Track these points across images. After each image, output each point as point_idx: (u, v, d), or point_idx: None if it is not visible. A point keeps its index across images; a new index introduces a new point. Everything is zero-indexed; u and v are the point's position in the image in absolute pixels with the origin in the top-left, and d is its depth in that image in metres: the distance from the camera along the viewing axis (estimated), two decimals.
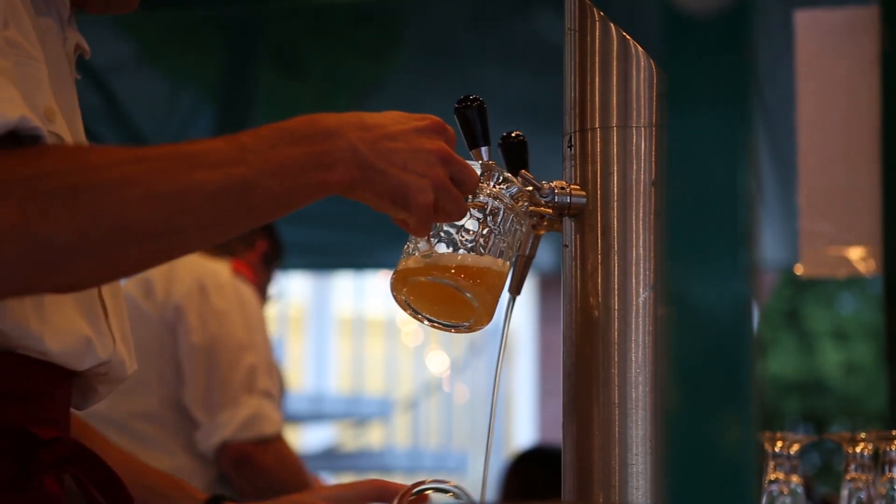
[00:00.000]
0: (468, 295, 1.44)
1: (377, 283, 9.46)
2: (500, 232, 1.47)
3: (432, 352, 10.46)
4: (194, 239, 1.36)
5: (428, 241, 1.45)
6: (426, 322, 1.48)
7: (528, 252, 1.64)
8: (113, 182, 1.26)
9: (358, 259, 6.67)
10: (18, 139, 1.29)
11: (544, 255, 1.81)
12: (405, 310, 1.49)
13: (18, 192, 1.23)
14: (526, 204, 1.49)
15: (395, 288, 1.47)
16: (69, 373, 1.50)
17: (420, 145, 1.38)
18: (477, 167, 1.48)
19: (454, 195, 1.40)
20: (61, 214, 1.24)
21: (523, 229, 1.51)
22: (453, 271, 1.44)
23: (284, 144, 1.33)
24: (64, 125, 1.41)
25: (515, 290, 1.66)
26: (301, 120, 1.36)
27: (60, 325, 1.44)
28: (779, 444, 1.78)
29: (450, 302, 1.46)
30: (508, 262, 1.49)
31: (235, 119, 4.66)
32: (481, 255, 1.45)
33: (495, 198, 1.47)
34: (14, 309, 1.39)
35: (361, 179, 1.36)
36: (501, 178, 1.48)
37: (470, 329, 1.48)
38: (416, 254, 1.46)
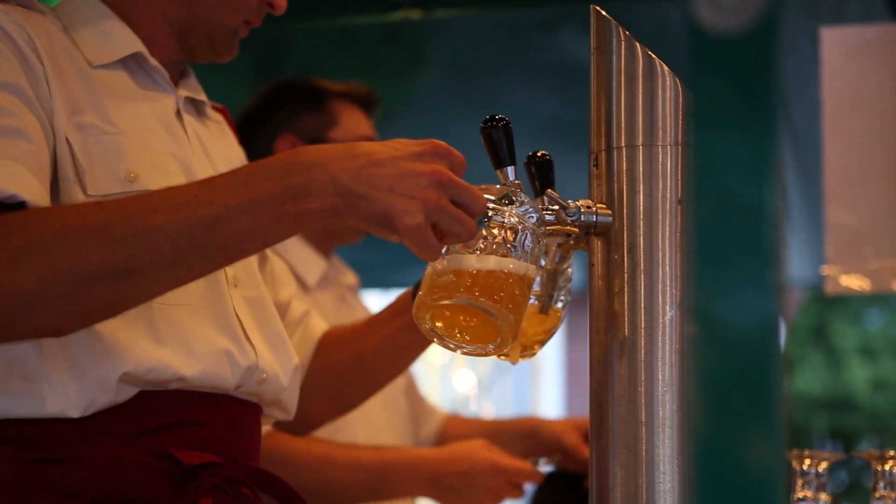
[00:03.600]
0: (490, 312, 1.43)
1: None
2: (519, 251, 1.46)
3: (459, 370, 10.45)
4: (165, 276, 1.43)
5: (441, 264, 1.45)
6: (456, 349, 1.48)
7: (552, 265, 1.65)
8: (73, 231, 1.38)
9: (384, 278, 6.66)
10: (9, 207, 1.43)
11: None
12: (432, 338, 1.49)
13: None
14: (545, 226, 1.49)
15: (419, 317, 1.47)
16: (222, 397, 1.64)
17: (411, 168, 1.39)
18: (492, 191, 1.47)
19: (455, 216, 1.40)
20: (26, 264, 1.37)
21: (543, 249, 1.51)
22: (474, 292, 1.44)
23: (260, 180, 1.39)
24: (151, 180, 1.59)
25: (542, 308, 1.66)
26: (283, 155, 1.43)
27: (196, 348, 1.60)
28: (807, 461, 1.78)
29: (474, 324, 1.46)
30: (530, 281, 1.49)
31: None
32: (502, 274, 1.45)
33: (513, 218, 1.46)
34: (138, 350, 1.55)
35: (343, 206, 1.38)
36: (522, 198, 1.48)
37: (497, 349, 1.47)
38: (434, 277, 1.46)
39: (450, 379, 10.52)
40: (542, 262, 1.58)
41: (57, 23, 1.67)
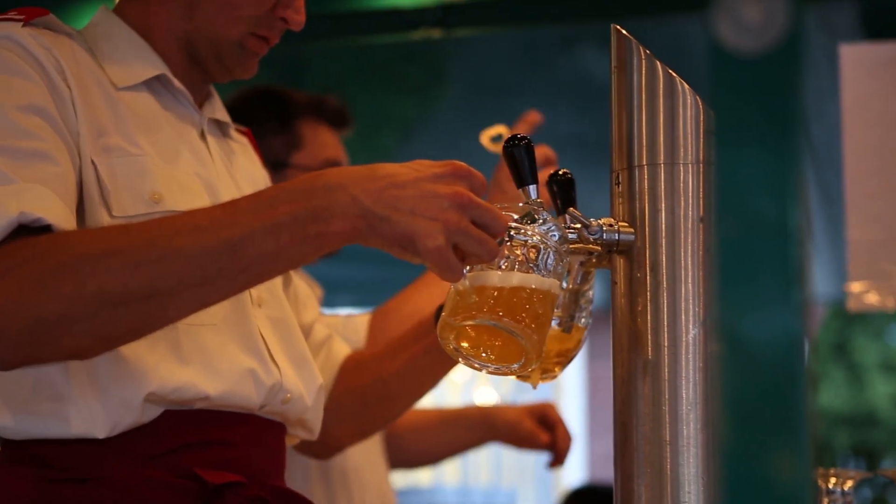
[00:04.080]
0: (514, 332, 1.43)
1: None
2: (542, 270, 1.46)
3: (481, 387, 10.43)
4: (188, 299, 1.43)
5: (464, 285, 1.45)
6: (481, 368, 1.48)
7: (574, 286, 1.65)
8: (96, 254, 1.40)
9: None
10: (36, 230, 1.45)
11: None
12: (456, 358, 1.49)
13: (17, 273, 1.39)
14: (567, 244, 1.49)
15: (443, 338, 1.47)
16: (247, 417, 1.65)
17: (432, 190, 1.39)
18: (514, 209, 1.48)
19: (476, 237, 1.40)
20: (50, 287, 1.38)
21: (566, 267, 1.51)
22: (497, 312, 1.44)
23: (282, 202, 1.40)
24: (176, 201, 1.61)
25: (564, 328, 1.66)
26: (305, 178, 1.43)
27: (220, 367, 1.61)
28: (832, 480, 1.77)
29: (498, 343, 1.46)
30: (553, 299, 1.49)
31: None
32: (525, 293, 1.45)
33: (536, 238, 1.46)
34: (162, 370, 1.56)
35: (365, 228, 1.39)
36: (544, 216, 1.48)
37: (522, 368, 1.47)
38: (458, 298, 1.46)
39: (472, 396, 10.51)
40: (565, 282, 1.58)
41: (83, 45, 1.69)
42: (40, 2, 1.69)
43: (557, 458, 2.75)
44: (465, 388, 10.57)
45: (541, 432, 2.74)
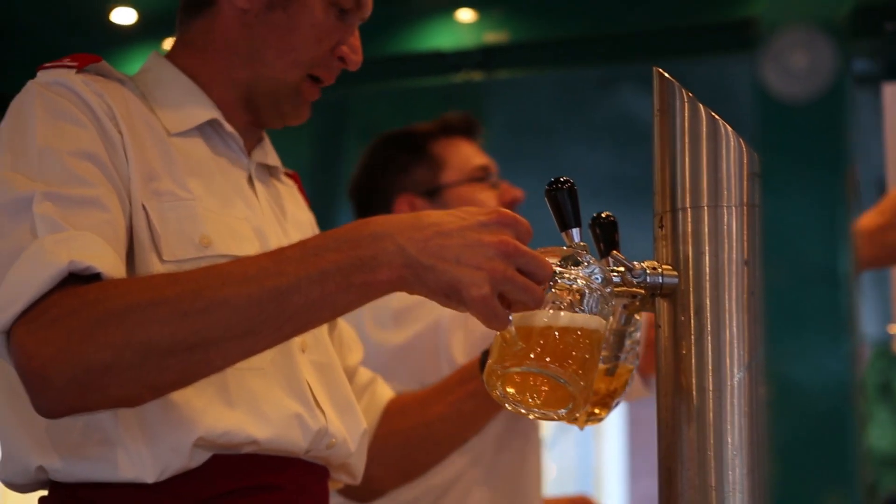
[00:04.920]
0: (561, 380, 1.43)
1: None
2: (586, 314, 1.46)
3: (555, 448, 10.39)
4: (235, 348, 1.44)
5: (510, 333, 1.44)
6: (528, 413, 1.47)
7: (618, 327, 1.64)
8: (144, 304, 1.40)
9: None
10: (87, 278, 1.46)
11: None
12: (503, 403, 1.48)
13: (66, 322, 1.40)
14: (611, 287, 1.48)
15: (490, 384, 1.47)
16: (292, 461, 1.65)
17: (478, 239, 1.40)
18: (553, 254, 1.47)
19: (522, 286, 1.40)
20: (98, 337, 1.39)
21: (611, 310, 1.50)
22: (544, 359, 1.43)
23: (329, 251, 1.40)
24: (225, 245, 1.62)
25: (609, 370, 1.65)
26: (351, 226, 1.44)
27: (268, 412, 1.61)
28: None
29: (545, 388, 1.45)
30: (599, 343, 1.48)
31: (326, 197, 4.71)
32: (571, 339, 1.44)
33: (580, 281, 1.46)
34: (211, 415, 1.57)
35: (411, 277, 1.39)
36: (587, 259, 1.48)
37: (570, 414, 1.46)
38: (504, 345, 1.45)
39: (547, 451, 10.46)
40: (609, 324, 1.58)
41: (136, 90, 1.71)
42: (92, 48, 1.71)
43: None
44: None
45: None
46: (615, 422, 10.78)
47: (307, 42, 1.74)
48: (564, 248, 1.49)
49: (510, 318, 1.42)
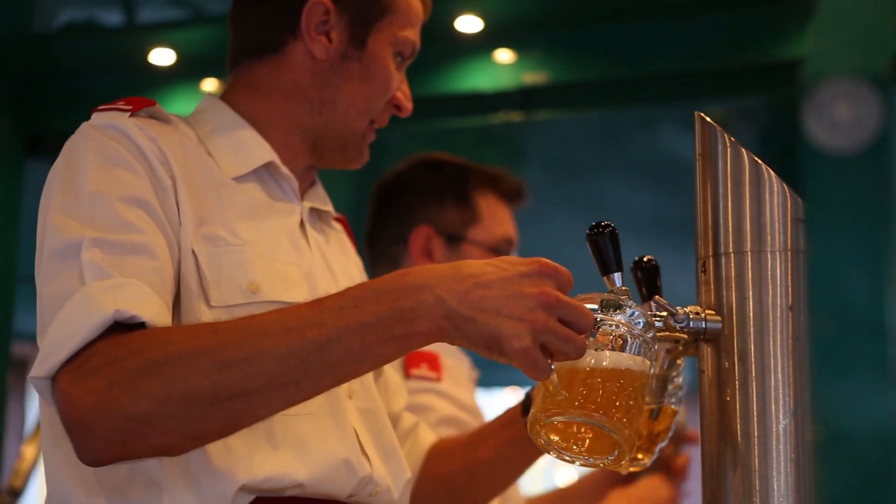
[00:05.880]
0: (606, 428, 1.42)
1: (503, 399, 9.43)
2: (629, 360, 1.45)
3: (561, 468, 10.35)
4: (275, 398, 1.44)
5: (553, 383, 1.44)
6: (572, 461, 1.46)
7: (661, 371, 1.63)
8: (185, 354, 1.41)
9: (484, 377, 6.66)
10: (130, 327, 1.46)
11: None
12: (548, 451, 1.48)
13: (108, 371, 1.41)
14: (654, 332, 1.48)
15: (533, 432, 1.46)
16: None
17: (519, 290, 1.40)
18: (594, 300, 1.47)
19: (564, 336, 1.40)
20: (140, 386, 1.40)
21: (654, 355, 1.50)
22: (588, 407, 1.42)
23: (369, 302, 1.41)
24: (274, 291, 1.63)
25: (652, 414, 1.65)
26: (390, 276, 1.44)
27: (314, 455, 1.61)
28: None
29: (590, 435, 1.44)
30: (642, 388, 1.47)
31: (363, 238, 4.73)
32: (615, 387, 1.43)
33: (622, 327, 1.45)
34: (255, 460, 1.57)
35: (451, 329, 1.39)
36: (629, 304, 1.47)
37: (615, 462, 1.45)
38: (547, 394, 1.45)
39: (552, 476, 10.43)
40: (652, 369, 1.57)
41: (190, 133, 1.72)
42: (131, 89, 1.72)
43: None
44: (546, 469, 10.50)
45: None
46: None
47: (378, 92, 1.78)
48: (606, 294, 1.49)
49: (552, 367, 1.42)
